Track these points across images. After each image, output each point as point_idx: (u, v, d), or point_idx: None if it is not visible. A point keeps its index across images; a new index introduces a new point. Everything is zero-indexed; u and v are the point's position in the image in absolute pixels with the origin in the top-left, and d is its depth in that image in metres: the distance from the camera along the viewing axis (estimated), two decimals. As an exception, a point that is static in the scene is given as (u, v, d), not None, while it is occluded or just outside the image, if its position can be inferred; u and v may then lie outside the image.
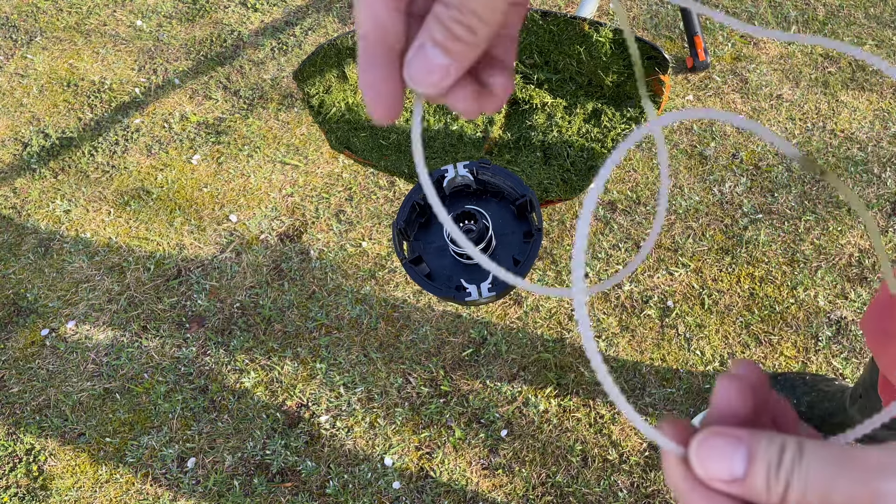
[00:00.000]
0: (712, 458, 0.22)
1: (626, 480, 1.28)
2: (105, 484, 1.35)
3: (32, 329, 1.54)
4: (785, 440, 0.21)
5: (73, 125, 1.83)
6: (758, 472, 0.21)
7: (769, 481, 0.21)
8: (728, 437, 0.22)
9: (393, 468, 1.33)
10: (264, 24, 1.96)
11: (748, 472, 0.21)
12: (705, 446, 0.22)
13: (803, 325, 1.38)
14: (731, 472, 0.21)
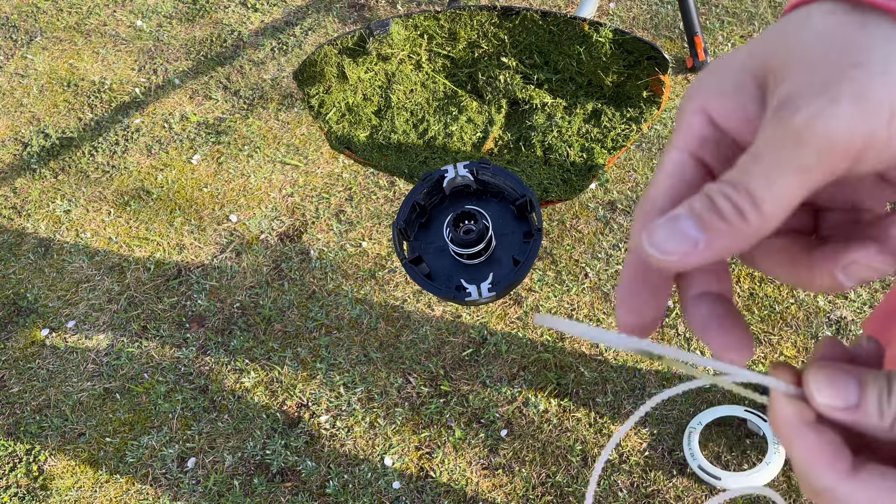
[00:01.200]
0: (828, 388, 0.23)
1: (626, 480, 1.28)
2: (105, 484, 1.36)
3: (32, 329, 1.54)
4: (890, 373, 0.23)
5: (73, 125, 1.83)
6: (870, 399, 0.23)
7: (881, 406, 0.23)
8: (839, 370, 0.24)
9: (393, 468, 1.33)
10: (264, 24, 1.96)
11: (861, 399, 0.23)
12: (820, 378, 0.24)
13: (803, 325, 1.38)
14: (847, 399, 0.23)
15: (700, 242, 0.23)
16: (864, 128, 0.21)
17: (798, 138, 0.21)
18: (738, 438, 1.29)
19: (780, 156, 0.22)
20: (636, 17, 1.85)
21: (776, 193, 0.22)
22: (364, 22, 1.93)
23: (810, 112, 0.21)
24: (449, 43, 0.99)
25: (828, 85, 0.21)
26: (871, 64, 0.21)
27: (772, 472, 1.24)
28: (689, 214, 0.23)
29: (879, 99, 0.21)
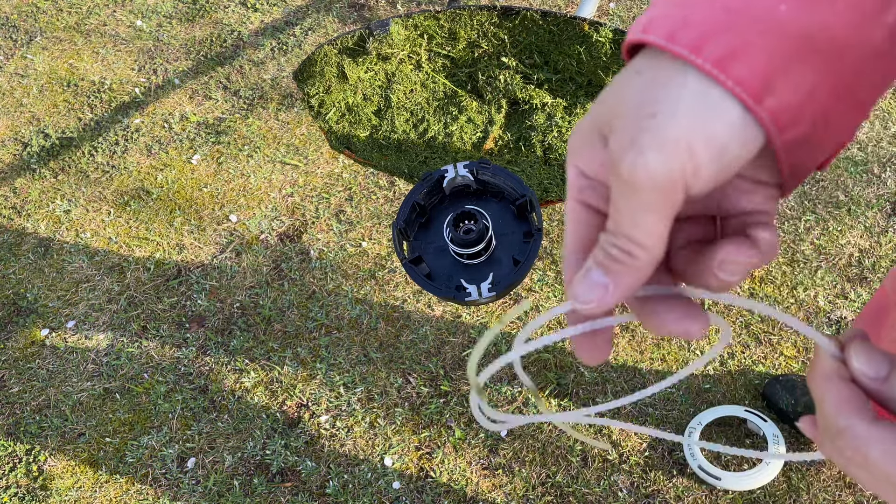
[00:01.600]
0: (865, 358, 0.28)
1: (626, 480, 1.28)
2: (105, 484, 1.35)
3: (32, 329, 1.54)
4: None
5: (73, 125, 1.83)
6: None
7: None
8: (875, 349, 0.29)
9: (393, 468, 1.33)
10: (264, 24, 1.96)
11: (889, 375, 0.28)
12: (860, 350, 0.29)
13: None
14: (877, 371, 0.28)
15: (609, 285, 0.28)
16: (673, 165, 0.25)
17: (631, 187, 0.26)
18: (738, 438, 1.29)
19: (630, 202, 0.26)
20: (636, 16, 1.85)
21: (645, 231, 0.27)
22: (364, 22, 1.93)
23: (628, 165, 0.26)
24: (449, 43, 0.99)
25: (634, 138, 0.26)
26: (662, 113, 0.25)
27: (771, 473, 1.24)
28: (595, 266, 0.29)
29: (675, 139, 0.25)
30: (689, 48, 0.26)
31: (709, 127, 0.25)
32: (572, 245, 0.31)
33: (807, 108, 0.26)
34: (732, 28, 0.25)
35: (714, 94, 0.25)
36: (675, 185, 0.25)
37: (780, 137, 0.26)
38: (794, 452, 1.25)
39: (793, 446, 1.26)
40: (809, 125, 0.26)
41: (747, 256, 0.28)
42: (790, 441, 1.27)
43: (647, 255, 0.28)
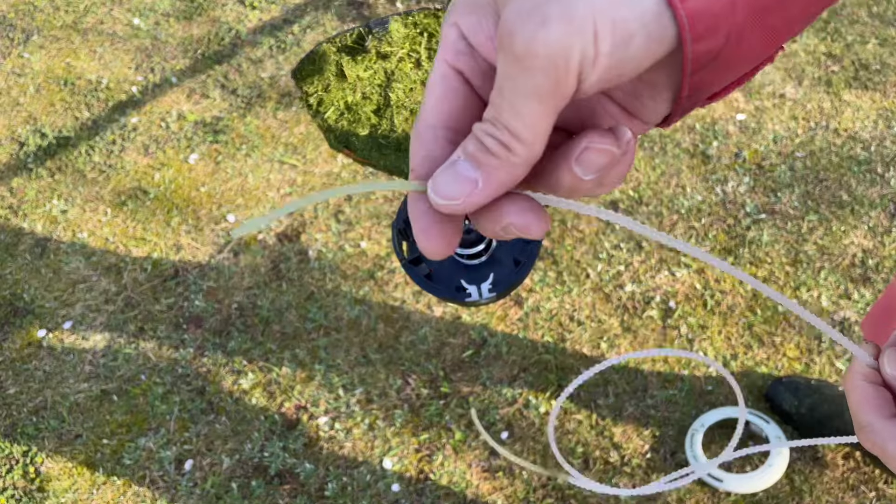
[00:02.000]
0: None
1: (628, 483, 1.27)
2: (102, 486, 1.34)
3: (29, 330, 1.53)
4: None
5: (69, 124, 1.82)
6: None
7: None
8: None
9: (392, 470, 1.31)
10: (262, 23, 1.95)
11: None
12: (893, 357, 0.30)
13: (806, 326, 1.37)
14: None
15: (479, 181, 0.25)
16: (574, 43, 0.22)
17: (522, 64, 0.22)
18: (741, 440, 1.28)
19: (517, 85, 0.23)
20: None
21: (528, 123, 0.23)
22: (363, 20, 1.91)
23: (525, 36, 0.22)
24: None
25: (538, 7, 0.22)
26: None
27: (775, 475, 1.23)
28: (465, 157, 0.25)
29: (583, 16, 0.22)
30: None
31: (619, 10, 0.22)
32: (435, 117, 0.27)
33: (724, 19, 0.23)
34: None
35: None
36: (571, 70, 0.22)
37: (693, 46, 0.23)
38: (796, 440, 1.24)
39: (796, 448, 1.25)
40: (723, 39, 0.23)
41: (609, 144, 0.25)
42: (793, 443, 1.25)
43: (527, 152, 0.24)
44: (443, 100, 0.27)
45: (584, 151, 0.25)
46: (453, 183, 0.25)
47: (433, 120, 0.27)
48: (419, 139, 0.27)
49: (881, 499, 1.22)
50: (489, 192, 0.25)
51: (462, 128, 0.27)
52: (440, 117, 0.27)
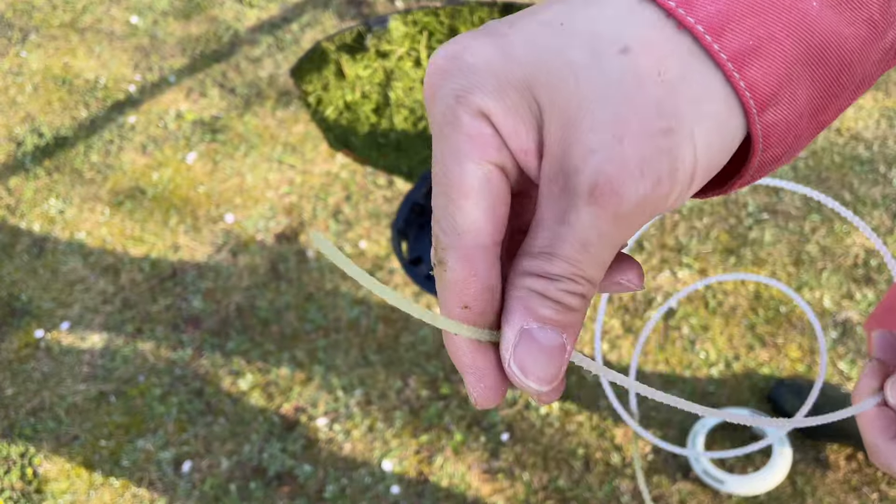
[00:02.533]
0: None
1: (629, 485, 1.26)
2: (100, 487, 1.33)
3: (26, 330, 1.52)
4: None
5: (67, 124, 1.81)
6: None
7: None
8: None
9: (392, 472, 1.31)
10: (261, 21, 1.94)
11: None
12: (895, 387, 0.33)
13: (808, 327, 1.36)
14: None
15: (566, 344, 0.22)
16: (674, 194, 0.21)
17: (623, 221, 0.21)
18: (743, 442, 1.27)
19: (611, 241, 0.21)
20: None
21: (604, 269, 0.22)
22: (362, 18, 1.90)
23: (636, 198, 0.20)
24: (449, 39, 0.97)
25: (644, 163, 0.20)
26: (680, 133, 0.20)
27: (777, 476, 1.22)
28: (542, 324, 0.22)
29: (688, 170, 0.20)
30: (708, 27, 0.20)
31: (715, 152, 0.21)
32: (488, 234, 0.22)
33: (794, 126, 0.22)
34: (758, 12, 0.20)
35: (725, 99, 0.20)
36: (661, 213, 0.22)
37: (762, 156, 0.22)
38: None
39: (798, 449, 1.24)
40: (786, 148, 0.22)
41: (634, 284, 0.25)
42: (795, 443, 1.25)
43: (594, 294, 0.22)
44: (492, 210, 0.22)
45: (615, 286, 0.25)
46: (545, 361, 0.22)
47: (486, 238, 0.22)
48: (470, 265, 0.22)
49: (883, 500, 1.21)
50: (573, 346, 0.22)
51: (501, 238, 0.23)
52: (494, 233, 0.22)
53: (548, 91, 0.20)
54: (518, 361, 0.22)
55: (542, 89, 0.21)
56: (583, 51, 0.20)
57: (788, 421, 0.27)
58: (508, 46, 0.21)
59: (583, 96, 0.20)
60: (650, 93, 0.20)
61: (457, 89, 0.21)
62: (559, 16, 0.21)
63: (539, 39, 0.21)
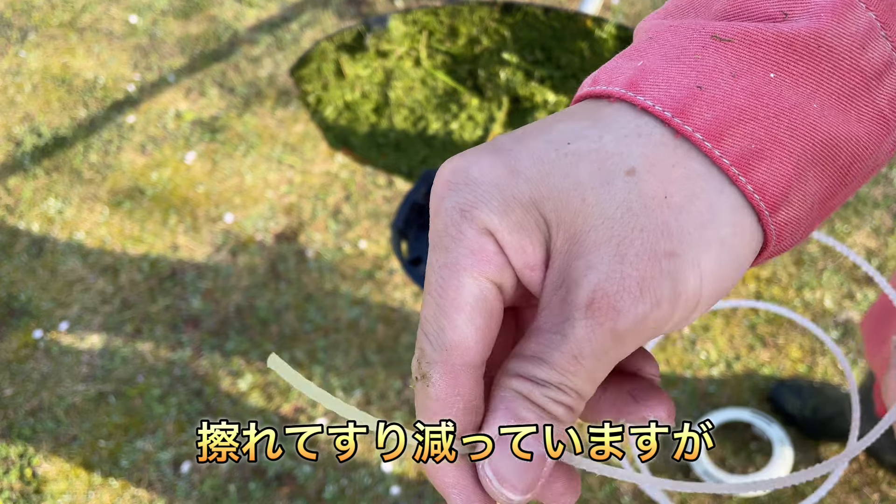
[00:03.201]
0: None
1: (630, 486, 1.25)
2: (99, 488, 1.33)
3: (25, 331, 1.51)
4: None
5: (66, 123, 1.81)
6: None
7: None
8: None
9: (392, 473, 1.30)
10: (260, 21, 1.94)
11: None
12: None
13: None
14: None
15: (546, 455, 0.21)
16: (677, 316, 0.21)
17: (621, 340, 0.20)
18: (744, 442, 1.27)
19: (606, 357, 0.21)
20: (640, 12, 1.83)
21: (595, 384, 0.22)
22: (362, 17, 1.90)
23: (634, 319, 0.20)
24: (449, 39, 0.97)
25: (644, 283, 0.20)
26: (685, 257, 0.20)
27: (777, 476, 1.22)
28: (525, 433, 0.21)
29: (692, 293, 0.20)
30: (706, 133, 0.20)
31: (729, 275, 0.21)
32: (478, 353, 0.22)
33: (806, 220, 0.22)
34: (757, 117, 0.20)
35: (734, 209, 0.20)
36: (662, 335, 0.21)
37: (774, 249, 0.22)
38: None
39: (799, 449, 1.24)
40: (798, 239, 0.22)
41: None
42: (796, 444, 1.24)
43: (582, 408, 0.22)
44: (485, 329, 0.22)
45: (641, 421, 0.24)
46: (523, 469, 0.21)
47: (475, 357, 0.22)
48: (456, 383, 0.21)
49: (884, 500, 1.21)
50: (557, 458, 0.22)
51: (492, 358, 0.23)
52: (484, 352, 0.22)
53: (555, 207, 0.21)
54: (497, 470, 0.21)
55: (548, 206, 0.21)
56: (589, 171, 0.21)
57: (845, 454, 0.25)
58: (514, 163, 0.21)
59: (588, 214, 0.20)
60: (656, 216, 0.20)
61: (461, 203, 0.21)
62: (565, 135, 0.21)
63: (546, 158, 0.21)
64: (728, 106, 0.20)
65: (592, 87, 0.22)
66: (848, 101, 0.21)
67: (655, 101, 0.21)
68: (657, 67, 0.21)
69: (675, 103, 0.20)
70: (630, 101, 0.21)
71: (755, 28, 0.21)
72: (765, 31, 0.21)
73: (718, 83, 0.21)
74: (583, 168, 0.21)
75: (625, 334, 0.20)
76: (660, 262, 0.20)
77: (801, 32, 0.21)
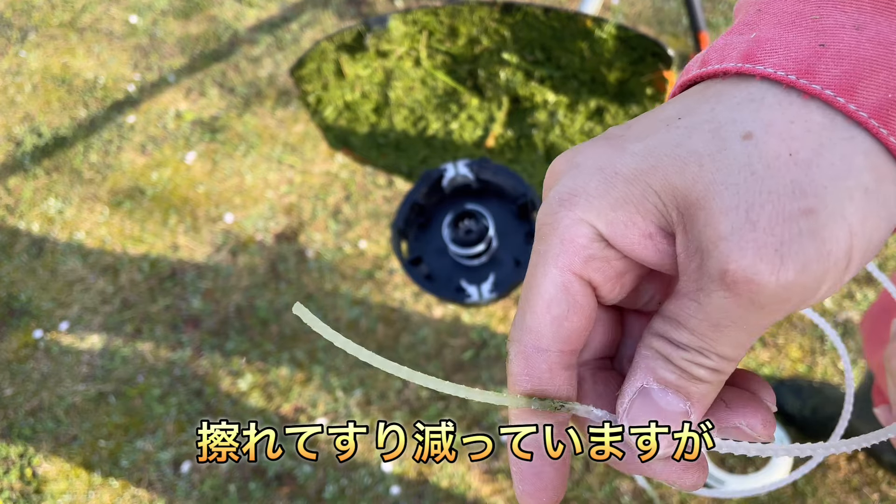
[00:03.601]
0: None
1: (630, 485, 1.26)
2: (99, 488, 1.33)
3: (25, 331, 1.51)
4: None
5: (66, 123, 1.81)
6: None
7: None
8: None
9: (392, 473, 1.30)
10: (260, 21, 1.94)
11: None
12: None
13: (809, 327, 1.36)
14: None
15: (691, 412, 0.22)
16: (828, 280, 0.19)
17: (764, 310, 0.20)
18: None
19: (749, 327, 0.20)
20: (640, 12, 1.83)
21: (744, 348, 0.21)
22: (362, 17, 1.90)
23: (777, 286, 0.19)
24: (449, 39, 0.97)
25: (784, 247, 0.19)
26: (825, 211, 0.19)
27: (777, 477, 1.22)
28: (664, 386, 0.21)
29: (842, 250, 0.19)
30: (837, 88, 0.19)
31: (881, 225, 0.19)
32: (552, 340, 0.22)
33: None
34: (890, 65, 0.19)
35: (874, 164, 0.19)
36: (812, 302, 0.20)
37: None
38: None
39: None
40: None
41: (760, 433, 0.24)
42: (796, 443, 1.25)
43: (732, 369, 0.22)
44: (563, 319, 0.22)
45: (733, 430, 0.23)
46: (653, 413, 0.21)
47: (549, 343, 0.22)
48: (526, 364, 0.23)
49: (884, 500, 1.21)
50: (700, 418, 0.22)
51: (575, 348, 0.23)
52: (558, 340, 0.22)
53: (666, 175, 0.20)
54: (632, 419, 0.22)
55: (658, 175, 0.20)
56: (703, 140, 0.20)
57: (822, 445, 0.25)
58: (621, 143, 0.21)
59: (709, 181, 0.20)
60: (783, 175, 0.19)
61: (562, 192, 0.22)
62: (677, 111, 0.21)
63: (655, 134, 0.21)
64: (856, 58, 0.19)
65: (702, 69, 0.22)
66: None
67: (777, 67, 0.20)
68: (773, 35, 0.21)
69: (799, 65, 0.20)
70: (748, 72, 0.20)
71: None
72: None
73: (842, 38, 0.20)
74: (696, 137, 0.20)
75: (769, 304, 0.19)
76: (797, 222, 0.19)
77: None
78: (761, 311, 0.20)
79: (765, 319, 0.20)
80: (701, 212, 0.20)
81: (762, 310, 0.20)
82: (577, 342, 0.23)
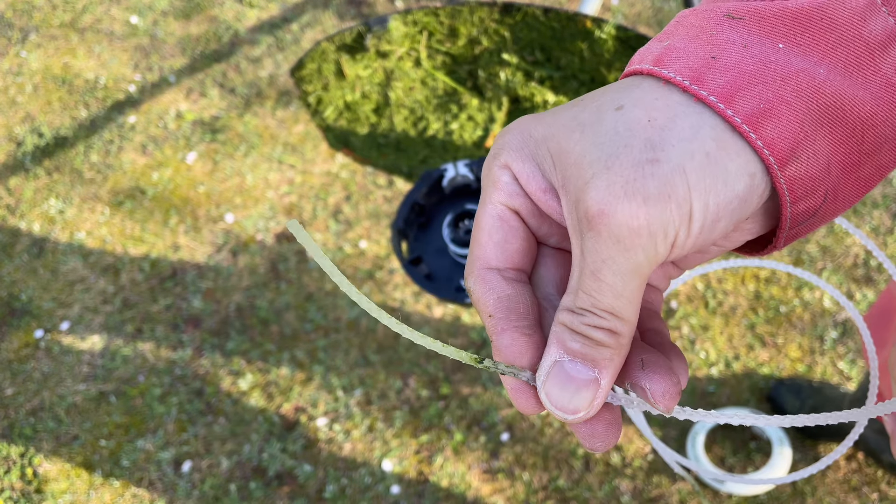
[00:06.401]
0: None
1: (629, 485, 1.26)
2: (100, 487, 1.33)
3: (26, 330, 1.52)
4: None
5: (67, 124, 1.81)
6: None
7: None
8: None
9: (392, 472, 1.31)
10: (261, 21, 1.94)
11: None
12: None
13: (809, 327, 1.36)
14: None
15: (600, 378, 0.24)
16: (673, 222, 0.22)
17: (623, 244, 0.22)
18: (743, 442, 1.27)
19: (617, 265, 0.22)
20: (639, 12, 1.83)
21: (631, 301, 0.23)
22: (362, 18, 1.90)
23: (626, 216, 0.22)
24: (449, 39, 0.97)
25: (631, 184, 0.22)
26: (668, 162, 0.22)
27: (776, 475, 1.22)
28: (572, 357, 0.24)
29: (681, 196, 0.22)
30: (720, 96, 0.22)
31: (713, 194, 0.22)
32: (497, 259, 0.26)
33: (822, 180, 0.24)
34: (766, 81, 0.23)
35: (733, 151, 0.22)
36: (668, 245, 0.22)
37: (792, 209, 0.24)
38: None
39: (798, 449, 1.24)
40: (821, 199, 0.24)
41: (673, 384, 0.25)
42: (795, 444, 1.25)
43: (631, 329, 0.24)
44: (503, 242, 0.26)
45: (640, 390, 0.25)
46: (574, 392, 0.24)
47: (496, 262, 0.26)
48: (485, 283, 0.26)
49: (883, 500, 1.21)
50: (610, 384, 0.24)
51: (523, 267, 0.27)
52: (502, 259, 0.26)
53: (558, 140, 0.24)
54: (549, 393, 0.24)
55: (554, 140, 0.24)
56: (589, 113, 0.24)
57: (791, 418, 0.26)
58: (541, 116, 0.26)
59: (585, 142, 0.23)
60: (639, 134, 0.22)
61: (494, 149, 0.26)
62: (587, 95, 0.25)
63: (563, 110, 0.25)
64: (739, 72, 0.23)
65: (629, 67, 0.25)
66: (854, 68, 0.23)
67: (676, 73, 0.23)
68: (679, 45, 0.24)
69: (692, 72, 0.23)
70: (657, 75, 0.24)
71: (763, 6, 0.24)
72: (772, 7, 0.23)
73: (730, 53, 0.23)
74: (586, 112, 0.24)
75: (626, 238, 0.22)
76: (643, 167, 0.22)
77: (804, 6, 0.23)
78: (621, 247, 0.22)
79: (629, 259, 0.22)
80: (575, 168, 0.23)
81: (620, 244, 0.22)
82: (522, 262, 0.27)
